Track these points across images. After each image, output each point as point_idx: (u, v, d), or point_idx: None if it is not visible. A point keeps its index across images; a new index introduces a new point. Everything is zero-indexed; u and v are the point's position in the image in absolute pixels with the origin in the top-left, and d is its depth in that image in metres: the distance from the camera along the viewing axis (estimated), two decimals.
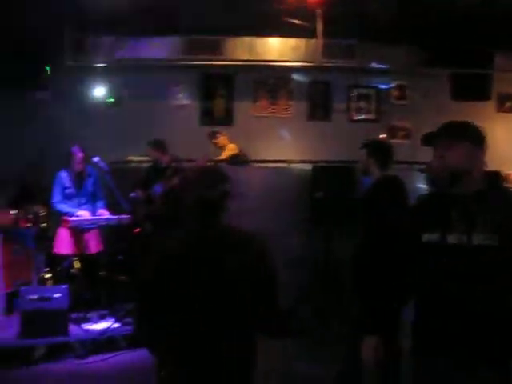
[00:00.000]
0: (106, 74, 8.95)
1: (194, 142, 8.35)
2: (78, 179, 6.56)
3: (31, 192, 8.16)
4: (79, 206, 6.55)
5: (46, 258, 7.42)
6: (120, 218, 6.30)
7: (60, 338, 5.83)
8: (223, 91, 9.59)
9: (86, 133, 8.59)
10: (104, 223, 6.39)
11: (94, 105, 9.00)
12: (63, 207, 6.49)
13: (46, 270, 7.30)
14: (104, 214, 6.51)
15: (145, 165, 8.25)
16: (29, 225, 7.12)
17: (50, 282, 7.21)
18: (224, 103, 9.60)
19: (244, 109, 9.57)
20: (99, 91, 9.04)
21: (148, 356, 5.57)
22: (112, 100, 9.11)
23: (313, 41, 8.15)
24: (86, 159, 6.56)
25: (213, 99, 9.58)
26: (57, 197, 6.51)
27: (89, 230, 6.45)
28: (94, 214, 6.57)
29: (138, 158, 8.54)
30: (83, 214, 6.38)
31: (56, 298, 5.87)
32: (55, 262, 7.47)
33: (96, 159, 6.46)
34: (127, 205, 6.36)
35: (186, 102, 9.47)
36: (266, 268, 2.77)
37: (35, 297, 5.84)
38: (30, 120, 8.60)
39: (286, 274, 2.95)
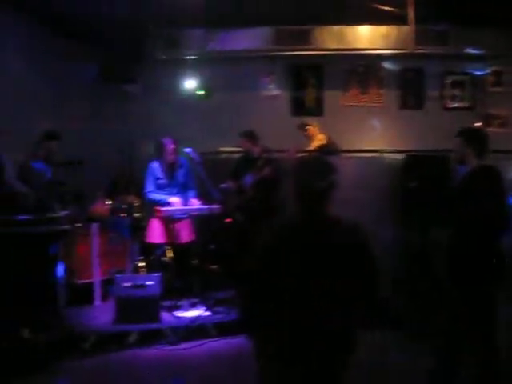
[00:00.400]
0: (196, 67, 9.02)
1: (285, 132, 8.29)
2: (170, 170, 6.68)
3: (124, 184, 8.39)
4: (171, 196, 6.65)
5: (139, 247, 7.64)
6: (211, 208, 6.36)
7: (152, 325, 5.98)
8: (313, 81, 9.51)
9: (176, 125, 8.84)
10: (195, 213, 6.49)
11: (184, 97, 9.09)
12: (156, 197, 6.63)
13: (140, 258, 7.53)
14: (195, 203, 6.60)
15: (235, 155, 8.33)
16: (123, 215, 7.32)
17: (143, 270, 7.43)
18: (314, 93, 9.52)
19: (334, 98, 9.45)
20: (190, 84, 9.09)
21: (239, 344, 5.74)
22: (203, 92, 9.12)
23: (404, 27, 7.91)
24: (178, 150, 6.65)
25: (303, 89, 9.52)
26: (149, 187, 6.66)
27: (180, 219, 6.55)
28: (185, 203, 6.65)
29: (229, 149, 8.64)
30: (175, 204, 6.48)
31: (149, 286, 6.03)
32: (148, 251, 7.71)
33: (188, 150, 6.55)
34: (218, 195, 6.42)
35: (276, 92, 9.44)
36: (369, 257, 2.80)
37: (129, 284, 6.02)
38: (122, 114, 8.87)
39: (381, 264, 2.90)
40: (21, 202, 6.16)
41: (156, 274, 6.12)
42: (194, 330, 6.04)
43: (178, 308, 6.45)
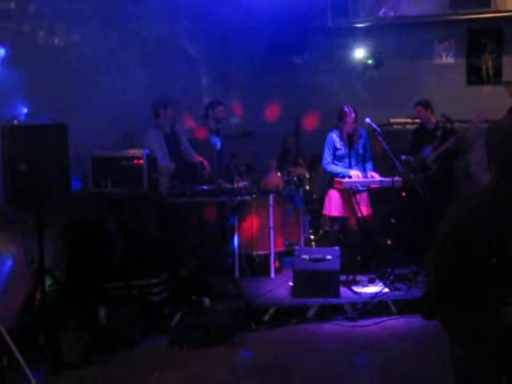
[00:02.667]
0: (366, 35, 8.69)
1: (460, 103, 7.81)
2: (349, 140, 6.42)
3: (293, 155, 8.29)
4: (350, 167, 6.41)
5: (310, 219, 7.53)
6: (393, 181, 6.04)
7: (332, 300, 5.81)
8: (492, 47, 8.77)
9: (345, 95, 8.55)
10: (377, 185, 6.20)
11: (354, 67, 8.82)
12: (335, 168, 6.42)
13: (311, 231, 7.42)
14: (375, 176, 6.31)
15: (408, 127, 7.95)
16: (294, 187, 7.22)
17: (313, 244, 7.32)
18: (492, 60, 8.79)
19: None
20: (359, 53, 8.78)
21: (420, 324, 5.44)
22: (373, 61, 8.73)
23: None
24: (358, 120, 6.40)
25: (480, 56, 8.81)
26: (328, 158, 6.45)
27: (360, 192, 6.29)
28: (364, 176, 6.39)
29: (401, 121, 8.25)
30: (356, 176, 6.23)
31: (329, 260, 5.85)
32: (319, 224, 7.57)
33: (368, 120, 6.27)
34: (401, 167, 6.10)
35: (451, 60, 8.82)
36: None
37: (308, 257, 5.88)
38: (290, 85, 8.62)
39: None
40: (198, 172, 6.22)
41: (335, 248, 5.94)
42: (374, 306, 5.78)
43: (357, 283, 6.23)
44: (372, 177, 6.33)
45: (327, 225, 7.49)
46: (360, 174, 6.28)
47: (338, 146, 6.44)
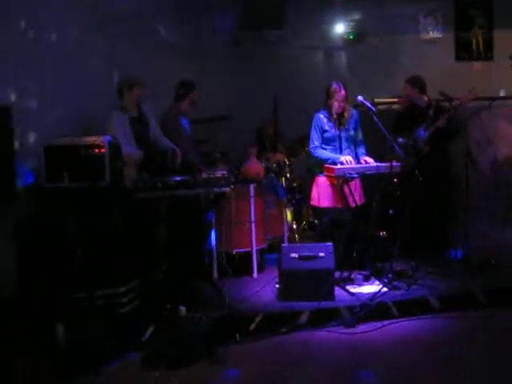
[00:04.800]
0: (346, 8, 8.17)
1: (449, 80, 7.29)
2: (339, 121, 5.71)
3: (271, 140, 7.62)
4: (340, 151, 5.70)
5: (293, 211, 6.89)
6: (392, 167, 5.33)
7: (326, 303, 5.11)
8: (481, 20, 8.39)
9: (324, 74, 8.25)
10: (373, 172, 5.46)
11: (333, 43, 8.39)
12: (323, 153, 5.70)
13: (294, 222, 6.77)
14: (370, 161, 5.60)
15: (394, 107, 7.33)
16: (273, 175, 6.55)
17: (296, 237, 6.67)
18: (482, 34, 8.41)
19: (506, 40, 8.23)
20: (339, 27, 8.26)
21: (427, 326, 4.80)
22: (353, 36, 8.28)
23: None
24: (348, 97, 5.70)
25: (469, 30, 8.42)
26: (316, 141, 5.72)
27: (353, 179, 5.57)
28: (357, 161, 5.69)
29: (385, 100, 7.61)
30: (348, 162, 5.51)
31: (321, 257, 5.18)
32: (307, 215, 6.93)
33: (360, 98, 5.56)
34: (401, 151, 5.39)
35: (437, 34, 8.41)
36: None
37: (297, 255, 5.19)
38: (265, 62, 8.13)
39: None
40: (169, 161, 5.47)
41: (328, 244, 5.25)
42: (373, 309, 5.09)
43: (351, 282, 5.54)
44: (366, 162, 5.61)
45: (312, 216, 6.86)
46: (352, 159, 5.56)
47: (327, 127, 5.71)
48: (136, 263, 4.84)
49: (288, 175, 7.00)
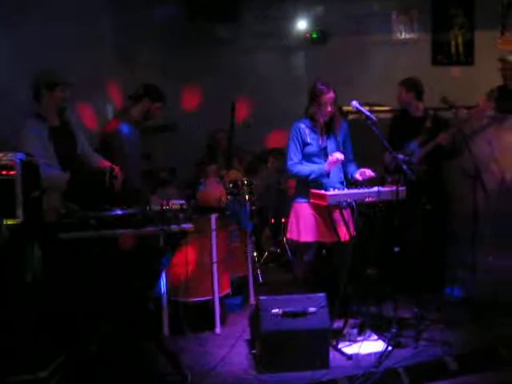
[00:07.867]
0: (310, 3, 7.53)
1: (425, 85, 6.42)
2: (326, 131, 4.50)
3: (224, 155, 6.55)
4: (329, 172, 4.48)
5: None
6: (397, 191, 4.13)
7: (319, 373, 3.86)
8: (461, 19, 7.62)
9: (283, 77, 7.48)
10: (374, 199, 4.22)
11: (293, 42, 7.70)
12: (303, 169, 4.45)
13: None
14: (370, 173, 4.44)
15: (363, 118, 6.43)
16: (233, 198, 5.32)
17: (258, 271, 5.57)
18: (462, 36, 7.67)
19: (488, 42, 7.41)
20: (301, 25, 7.63)
21: None
22: (318, 35, 7.57)
23: None
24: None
25: (447, 31, 7.67)
26: (295, 157, 4.47)
27: (344, 207, 4.33)
28: (346, 182, 4.55)
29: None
30: (339, 159, 4.33)
31: (312, 314, 3.97)
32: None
33: (355, 103, 4.39)
34: (410, 172, 4.18)
35: (412, 35, 7.67)
36: None
37: (280, 311, 3.94)
38: (218, 64, 7.27)
39: None
40: (105, 186, 4.19)
41: (320, 295, 4.01)
42: (380, 379, 3.87)
43: (343, 338, 4.33)
44: (364, 175, 4.41)
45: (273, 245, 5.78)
46: (341, 155, 4.38)
47: (309, 139, 4.46)
48: (60, 333, 3.43)
49: (247, 197, 5.74)
